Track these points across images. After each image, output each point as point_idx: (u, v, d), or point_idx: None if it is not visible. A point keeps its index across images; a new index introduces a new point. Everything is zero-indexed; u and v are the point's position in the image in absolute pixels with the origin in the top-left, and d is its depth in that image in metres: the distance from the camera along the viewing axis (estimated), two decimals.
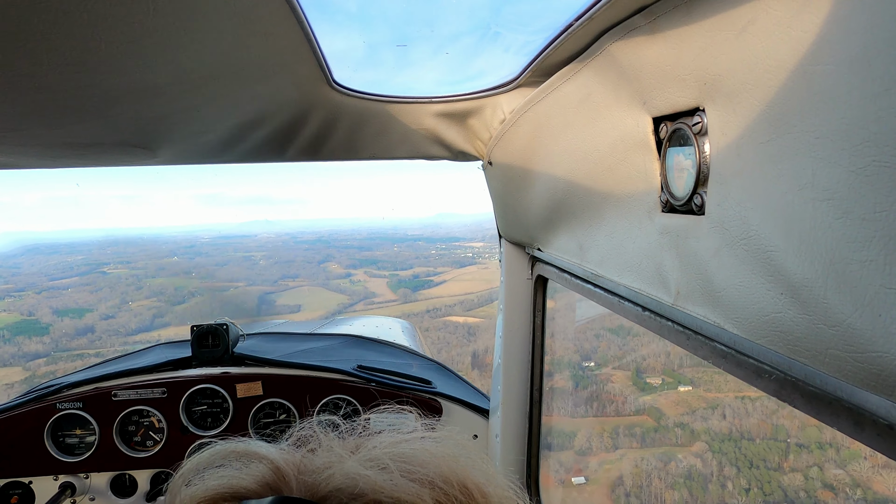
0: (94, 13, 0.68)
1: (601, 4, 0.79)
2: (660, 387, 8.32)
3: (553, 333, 1.96)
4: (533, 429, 1.90)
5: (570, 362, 6.37)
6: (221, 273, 50.42)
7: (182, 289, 43.90)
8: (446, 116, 1.52)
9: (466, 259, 47.72)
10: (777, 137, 0.55)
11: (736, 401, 7.31)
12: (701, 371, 7.88)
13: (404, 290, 45.02)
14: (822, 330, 0.52)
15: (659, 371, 8.53)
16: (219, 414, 2.18)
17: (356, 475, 0.43)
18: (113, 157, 1.50)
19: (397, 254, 54.19)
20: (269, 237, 68.41)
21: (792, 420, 6.37)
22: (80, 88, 0.91)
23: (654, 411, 8.00)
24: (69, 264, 48.21)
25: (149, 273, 47.89)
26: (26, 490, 2.12)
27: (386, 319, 4.52)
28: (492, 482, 0.48)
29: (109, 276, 45.60)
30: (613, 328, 8.04)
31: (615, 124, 0.92)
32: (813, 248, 0.51)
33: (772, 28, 0.53)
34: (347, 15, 1.13)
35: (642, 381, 8.55)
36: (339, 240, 63.42)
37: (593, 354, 8.41)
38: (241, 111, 1.31)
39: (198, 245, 61.48)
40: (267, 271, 51.75)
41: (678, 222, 0.78)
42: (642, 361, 8.75)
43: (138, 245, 61.34)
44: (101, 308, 38.03)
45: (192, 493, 0.46)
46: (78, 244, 62.83)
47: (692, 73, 0.68)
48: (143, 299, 41.47)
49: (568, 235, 1.29)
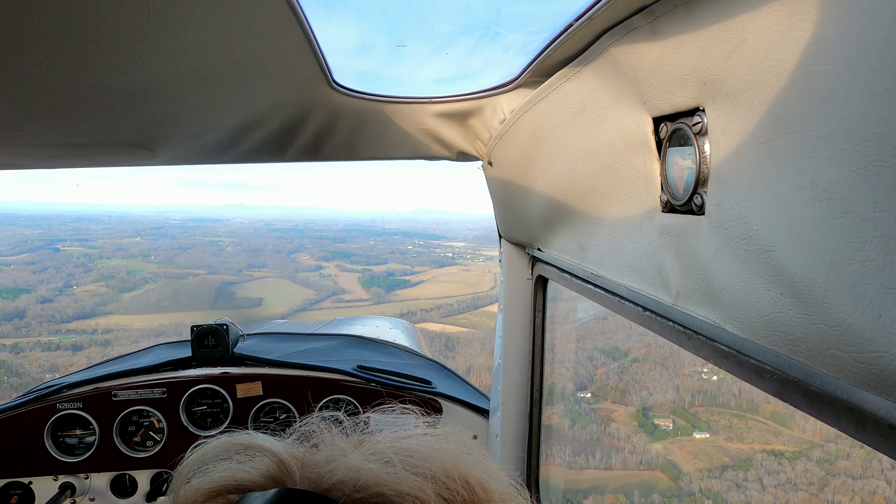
0: (94, 13, 0.68)
1: (601, 5, 0.79)
2: (672, 432, 7.67)
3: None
4: (533, 429, 1.90)
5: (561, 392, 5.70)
6: (182, 258, 47.87)
7: (135, 273, 41.50)
8: (446, 116, 1.52)
9: (446, 259, 44.78)
10: (777, 137, 0.55)
11: (767, 457, 6.18)
12: (716, 412, 7.06)
13: (377, 290, 42.01)
14: (822, 330, 0.52)
15: (668, 409, 7.83)
16: (219, 414, 2.18)
17: (359, 468, 0.44)
18: (113, 157, 1.50)
19: (372, 248, 51.62)
20: (242, 223, 65.47)
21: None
22: (80, 88, 0.91)
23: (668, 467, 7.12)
24: (24, 238, 45.75)
25: (104, 253, 45.27)
26: (26, 490, 2.12)
27: (386, 320, 4.52)
28: (493, 478, 0.48)
29: (60, 255, 43.03)
30: (608, 349, 7.44)
31: (615, 124, 0.92)
32: (813, 248, 0.51)
33: (772, 28, 0.53)
34: (348, 15, 1.13)
35: (650, 423, 7.88)
36: (314, 229, 60.71)
37: (589, 383, 7.74)
38: (241, 111, 1.31)
39: (166, 227, 58.82)
40: (232, 259, 49.11)
41: (678, 222, 0.78)
42: (648, 397, 8.06)
43: (103, 223, 58.92)
44: (42, 290, 35.70)
45: (197, 484, 0.47)
46: (40, 217, 59.97)
47: (692, 73, 0.68)
48: (90, 283, 39.10)
49: (568, 235, 1.29)
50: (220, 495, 0.46)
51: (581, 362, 7.26)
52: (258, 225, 65.53)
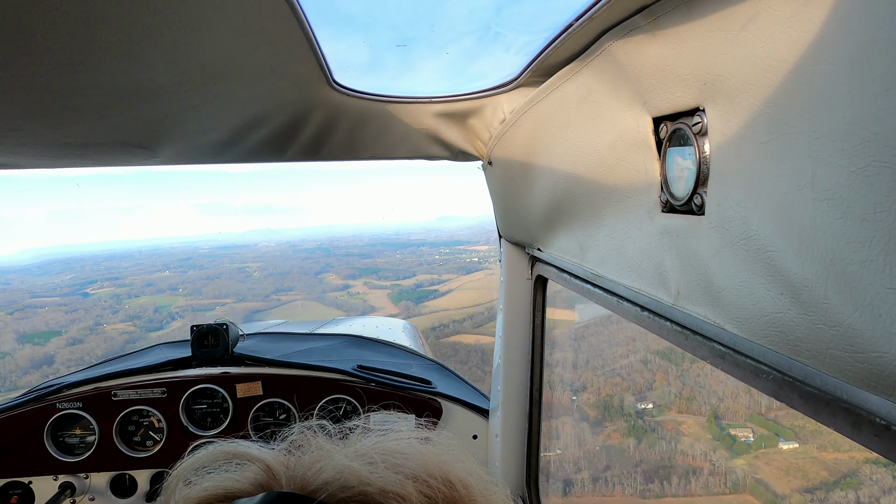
0: (94, 13, 0.68)
1: (601, 4, 0.79)
2: (755, 444, 6.26)
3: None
4: (533, 429, 1.90)
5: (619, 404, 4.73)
6: (209, 289, 48.36)
7: (163, 309, 41.96)
8: (446, 116, 1.52)
9: (472, 264, 44.60)
10: (777, 137, 0.55)
11: (876, 469, 4.87)
12: (799, 414, 5.96)
13: (406, 303, 42.17)
14: (822, 330, 0.52)
15: (743, 416, 6.52)
16: (219, 414, 2.18)
17: (344, 468, 0.45)
18: (113, 157, 1.50)
19: (399, 261, 51.46)
20: (268, 247, 66.21)
21: None
22: (80, 88, 0.91)
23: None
24: (54, 285, 46.50)
25: (134, 291, 45.78)
26: (26, 490, 2.12)
27: (386, 319, 4.52)
28: (474, 476, 0.49)
29: (90, 298, 44.01)
30: (662, 350, 6.14)
31: (615, 124, 0.92)
32: (813, 248, 0.51)
33: (772, 28, 0.53)
34: (348, 15, 1.13)
35: (727, 435, 6.57)
36: (340, 247, 60.83)
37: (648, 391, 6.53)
38: (241, 111, 1.31)
39: (195, 257, 59.44)
40: (259, 285, 49.36)
41: (678, 222, 0.78)
42: (718, 403, 6.74)
43: (134, 259, 59.50)
44: (73, 330, 36.41)
45: (187, 494, 0.48)
46: (73, 260, 60.72)
47: (692, 72, 0.68)
48: (118, 322, 39.98)
49: (568, 235, 1.29)
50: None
51: (635, 367, 6.69)
52: (284, 247, 65.48)
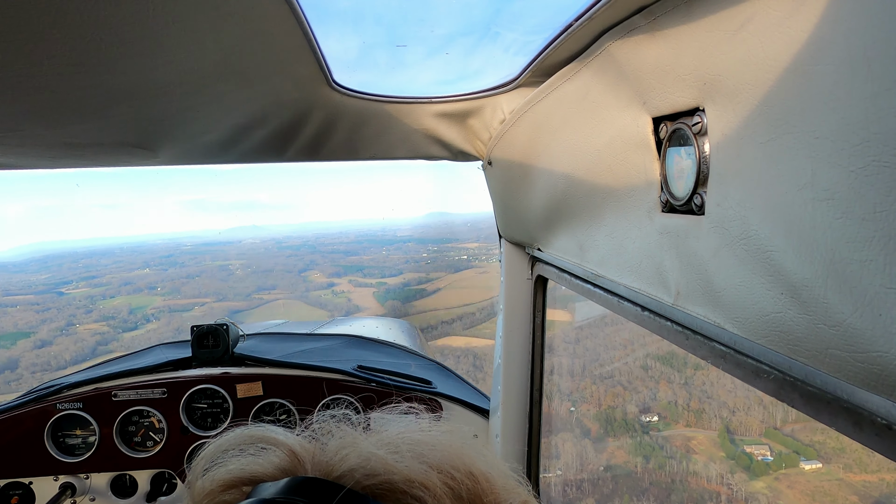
0: (94, 13, 0.68)
1: (601, 4, 0.79)
2: (774, 463, 5.24)
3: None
4: (533, 429, 1.90)
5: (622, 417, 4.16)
6: (189, 288, 46.88)
7: (138, 310, 40.97)
8: (446, 116, 1.52)
9: (461, 262, 43.12)
10: (777, 137, 0.55)
11: None
12: (818, 429, 4.42)
13: (393, 303, 40.26)
14: (822, 330, 0.52)
15: (757, 431, 5.58)
16: (219, 414, 2.18)
17: (370, 455, 0.45)
18: (113, 157, 1.50)
19: (385, 258, 50.05)
20: (252, 243, 64.23)
21: None
22: (80, 88, 0.91)
23: None
24: (29, 283, 45.53)
25: (111, 291, 44.46)
26: (26, 490, 2.12)
27: (385, 320, 4.52)
28: (497, 471, 0.50)
29: (64, 297, 42.96)
30: (662, 355, 5.26)
31: (615, 124, 0.92)
32: (813, 248, 0.51)
33: (772, 28, 0.53)
34: (347, 15, 1.13)
35: (742, 453, 5.67)
36: (326, 244, 59.50)
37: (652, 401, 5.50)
38: (241, 111, 1.31)
39: (177, 254, 57.97)
40: (241, 283, 47.89)
41: (678, 222, 0.78)
42: (730, 416, 5.76)
43: (115, 256, 58.24)
44: (43, 332, 35.29)
45: (213, 475, 0.49)
46: (51, 257, 59.61)
47: (692, 72, 0.68)
48: (92, 322, 38.84)
49: (568, 235, 1.29)
50: (234, 487, 0.47)
51: (634, 373, 6.04)
52: (269, 244, 63.83)
